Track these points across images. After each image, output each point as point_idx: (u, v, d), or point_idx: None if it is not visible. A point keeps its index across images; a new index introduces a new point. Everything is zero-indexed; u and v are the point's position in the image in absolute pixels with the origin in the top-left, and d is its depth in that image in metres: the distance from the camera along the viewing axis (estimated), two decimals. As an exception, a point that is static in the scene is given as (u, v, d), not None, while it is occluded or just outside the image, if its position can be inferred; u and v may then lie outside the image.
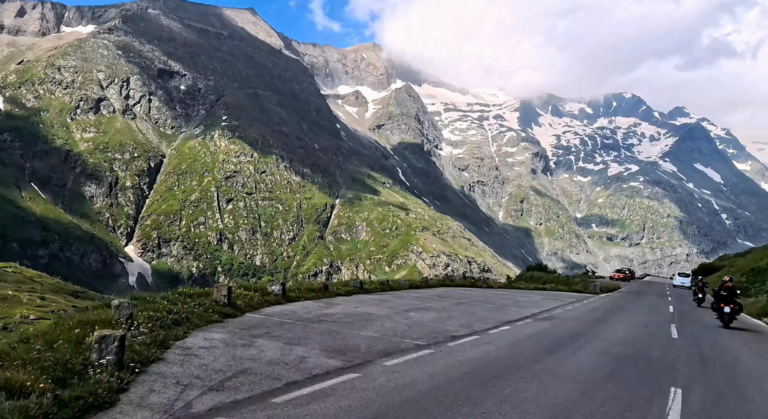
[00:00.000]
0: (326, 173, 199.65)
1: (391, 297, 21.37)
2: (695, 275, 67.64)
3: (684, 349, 14.80)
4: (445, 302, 21.43)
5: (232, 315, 13.00)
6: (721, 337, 18.33)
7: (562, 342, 13.93)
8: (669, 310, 28.17)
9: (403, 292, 24.92)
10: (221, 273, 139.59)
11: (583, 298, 31.88)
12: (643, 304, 31.57)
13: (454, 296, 24.69)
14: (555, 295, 32.43)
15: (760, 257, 60.53)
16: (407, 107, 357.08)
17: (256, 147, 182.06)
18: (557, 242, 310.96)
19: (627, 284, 63.32)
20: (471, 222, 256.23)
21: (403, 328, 13.64)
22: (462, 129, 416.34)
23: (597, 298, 33.21)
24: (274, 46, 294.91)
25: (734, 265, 70.12)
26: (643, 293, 45.21)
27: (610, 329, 17.30)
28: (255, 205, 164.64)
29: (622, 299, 34.77)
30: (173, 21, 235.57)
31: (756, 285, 40.76)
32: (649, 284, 68.74)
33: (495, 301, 23.69)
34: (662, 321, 21.83)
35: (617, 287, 48.10)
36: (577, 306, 25.26)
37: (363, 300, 19.29)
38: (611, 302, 30.40)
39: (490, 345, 12.41)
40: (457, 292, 27.81)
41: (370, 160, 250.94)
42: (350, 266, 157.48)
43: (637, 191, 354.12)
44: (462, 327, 14.60)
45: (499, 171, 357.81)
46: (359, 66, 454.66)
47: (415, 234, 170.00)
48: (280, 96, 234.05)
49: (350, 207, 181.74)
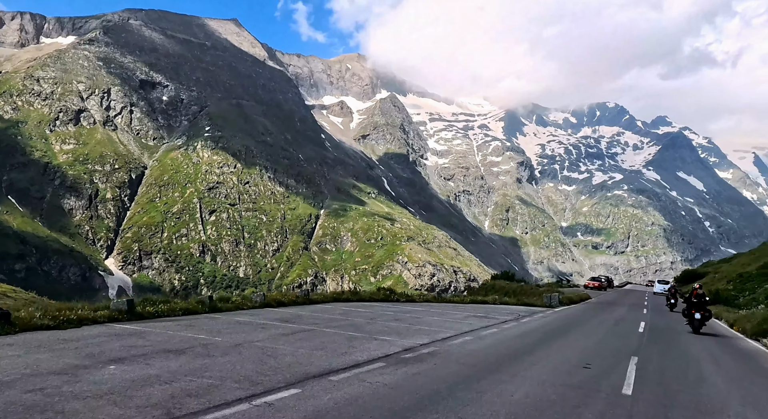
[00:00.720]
0: (311, 183, 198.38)
1: (213, 322, 14.47)
2: (678, 283, 67.85)
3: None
4: (287, 327, 14.35)
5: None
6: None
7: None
8: (638, 329, 21.21)
9: (296, 309, 19.69)
10: (204, 286, 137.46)
11: (532, 313, 25.53)
12: (606, 321, 24.48)
13: (322, 318, 17.11)
14: (493, 310, 25.83)
15: (747, 263, 57.22)
16: (392, 117, 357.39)
17: (240, 158, 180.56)
18: (543, 251, 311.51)
19: (602, 293, 58.70)
20: (457, 232, 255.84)
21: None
22: (447, 139, 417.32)
23: (550, 313, 26.53)
24: (258, 56, 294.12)
25: (719, 271, 67.03)
26: (616, 304, 39.76)
27: (516, 379, 9.85)
28: (238, 216, 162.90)
29: (583, 314, 28.28)
30: (155, 32, 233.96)
31: (745, 293, 36.27)
32: (627, 293, 64.48)
33: (378, 324, 16.25)
34: (620, 351, 14.73)
35: (585, 298, 41.96)
36: (508, 328, 18.27)
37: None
38: (564, 320, 23.43)
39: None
40: (352, 309, 21.45)
41: (356, 170, 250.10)
42: (335, 277, 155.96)
43: (622, 200, 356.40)
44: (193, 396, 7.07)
45: (484, 180, 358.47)
46: (344, 76, 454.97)
47: (400, 244, 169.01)
48: (264, 106, 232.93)
49: (335, 217, 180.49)
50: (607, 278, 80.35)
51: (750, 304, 30.99)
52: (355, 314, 19.23)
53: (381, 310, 21.83)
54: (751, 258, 60.56)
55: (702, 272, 77.56)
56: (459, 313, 22.65)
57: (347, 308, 21.85)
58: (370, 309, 21.70)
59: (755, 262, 52.35)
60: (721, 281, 49.27)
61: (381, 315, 19.29)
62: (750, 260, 58.82)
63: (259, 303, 20.12)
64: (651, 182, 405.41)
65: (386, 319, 18.07)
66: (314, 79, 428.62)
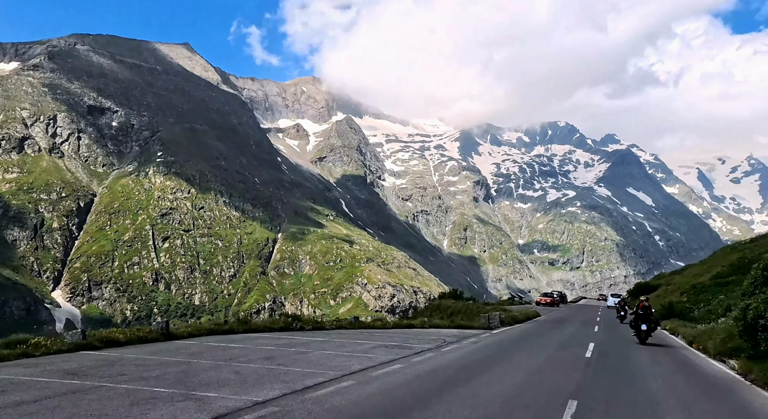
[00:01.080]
0: (267, 207, 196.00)
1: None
2: (632, 295, 68.54)
3: None
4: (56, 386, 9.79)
5: None
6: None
7: None
8: (586, 354, 18.11)
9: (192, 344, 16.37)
10: (157, 315, 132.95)
11: (462, 338, 21.74)
12: (549, 344, 21.25)
13: (146, 365, 12.56)
14: (416, 336, 22.02)
15: (699, 273, 56.06)
16: (349, 139, 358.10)
17: (194, 183, 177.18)
18: (501, 268, 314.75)
19: (554, 309, 56.41)
20: (416, 252, 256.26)
21: None
22: (404, 160, 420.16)
23: (485, 337, 23.08)
24: (211, 80, 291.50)
25: (672, 283, 66.26)
26: (566, 321, 37.55)
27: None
28: (193, 242, 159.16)
29: (525, 336, 24.89)
30: (104, 57, 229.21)
31: (700, 305, 33.97)
32: (581, 309, 62.82)
33: (224, 370, 12.05)
34: (555, 393, 11.45)
35: (533, 316, 39.20)
36: (417, 362, 14.50)
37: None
38: (497, 346, 19.81)
39: None
40: (219, 344, 16.71)
41: (313, 192, 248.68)
42: (294, 301, 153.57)
43: (576, 216, 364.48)
44: None
45: (442, 200, 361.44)
46: (299, 99, 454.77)
47: (359, 266, 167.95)
48: (219, 130, 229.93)
49: (293, 241, 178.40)
50: (560, 294, 78.15)
51: (706, 317, 28.83)
52: (210, 353, 14.53)
53: (258, 344, 17.00)
54: (703, 268, 59.59)
55: (654, 285, 77.01)
56: (369, 343, 18.35)
57: (214, 343, 16.80)
58: (242, 344, 16.83)
59: (707, 272, 50.81)
60: (675, 293, 47.97)
61: (248, 353, 14.77)
62: (702, 270, 57.84)
63: (73, 345, 14.52)
64: (602, 198, 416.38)
65: (249, 359, 13.73)
66: (269, 102, 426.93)
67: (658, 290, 65.69)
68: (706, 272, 51.88)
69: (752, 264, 40.66)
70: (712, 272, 46.06)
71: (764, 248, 43.27)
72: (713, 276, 42.67)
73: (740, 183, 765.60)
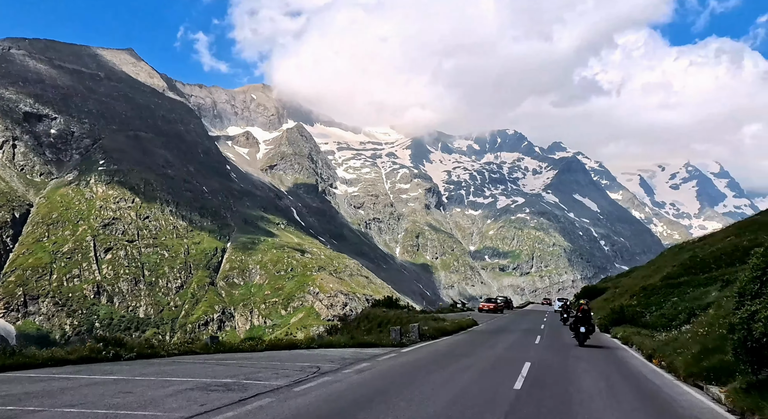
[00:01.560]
0: (216, 216, 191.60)
1: None
2: (578, 299, 68.82)
3: None
4: None
5: None
6: None
7: None
8: (515, 385, 12.85)
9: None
10: (99, 329, 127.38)
11: (353, 362, 16.12)
12: (473, 366, 16.28)
13: None
14: (286, 361, 16.22)
15: (648, 275, 53.46)
16: (300, 147, 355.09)
17: (138, 192, 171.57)
18: (453, 275, 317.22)
19: (497, 316, 52.50)
20: (369, 259, 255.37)
21: None
22: (356, 167, 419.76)
23: (384, 360, 17.11)
24: (157, 87, 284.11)
25: (619, 285, 64.12)
26: (506, 330, 33.06)
27: None
28: (137, 253, 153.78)
29: (444, 355, 19.18)
30: (41, 62, 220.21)
31: (651, 309, 30.88)
32: (526, 315, 59.54)
33: None
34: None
35: (468, 326, 34.02)
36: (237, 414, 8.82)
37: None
38: (388, 377, 13.66)
39: None
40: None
41: (263, 201, 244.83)
42: (244, 311, 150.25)
43: (525, 223, 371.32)
44: None
45: (394, 208, 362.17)
46: (249, 107, 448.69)
47: (311, 275, 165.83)
48: (165, 138, 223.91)
49: (243, 250, 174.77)
50: (505, 300, 74.29)
51: (659, 322, 25.81)
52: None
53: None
54: (651, 270, 56.86)
55: (602, 288, 75.43)
56: (186, 381, 11.61)
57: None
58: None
59: (657, 273, 48.20)
60: (623, 297, 45.41)
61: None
62: (650, 272, 55.44)
63: None
64: (550, 204, 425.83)
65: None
66: (218, 109, 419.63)
67: (606, 294, 64.51)
68: (655, 274, 49.72)
69: (705, 263, 36.41)
70: (662, 273, 43.59)
71: (714, 246, 41.57)
72: (663, 277, 39.98)
73: (679, 189, 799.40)
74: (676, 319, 24.58)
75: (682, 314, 24.40)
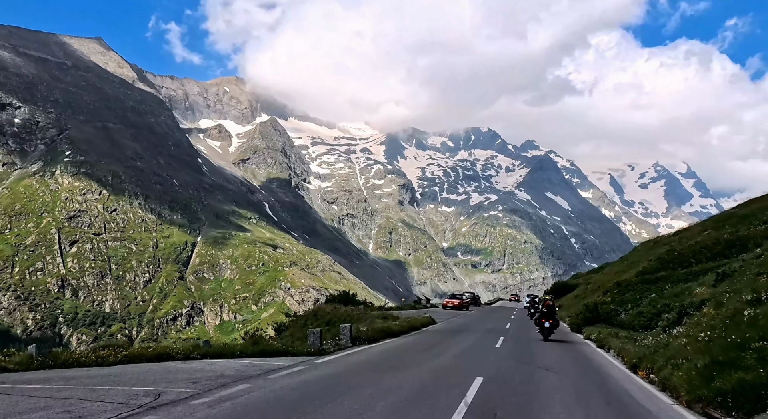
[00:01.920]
0: (186, 209, 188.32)
1: None
2: (548, 295, 68.49)
3: None
4: None
5: None
6: None
7: None
8: (466, 395, 10.41)
9: None
10: (63, 324, 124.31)
11: (229, 382, 10.75)
12: (390, 393, 10.48)
13: None
14: (144, 379, 10.71)
15: (622, 270, 50.50)
16: (273, 141, 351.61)
17: (106, 184, 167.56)
18: (426, 271, 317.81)
19: (462, 313, 48.73)
20: (341, 255, 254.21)
21: None
22: (330, 163, 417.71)
23: (276, 378, 11.74)
24: (126, 77, 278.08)
25: (591, 281, 61.50)
26: (465, 331, 28.00)
27: None
28: (104, 246, 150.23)
29: (366, 370, 14.02)
30: (5, 50, 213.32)
31: (627, 307, 27.91)
32: (493, 312, 55.13)
33: None
34: None
35: (422, 325, 29.21)
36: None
37: None
38: (282, 401, 9.20)
39: None
40: None
41: (235, 195, 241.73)
42: (214, 307, 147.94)
43: (497, 220, 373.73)
44: None
45: (367, 203, 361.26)
46: (222, 99, 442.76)
47: (283, 270, 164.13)
48: (134, 130, 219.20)
49: (213, 245, 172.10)
50: (472, 296, 70.27)
51: (637, 321, 23.45)
52: None
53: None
54: (625, 265, 53.61)
55: (573, 284, 72.97)
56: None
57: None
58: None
59: (631, 269, 45.18)
60: (596, 293, 42.53)
61: None
62: (624, 267, 52.46)
63: None
64: (523, 202, 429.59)
65: None
66: (189, 102, 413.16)
67: (577, 290, 62.31)
68: (629, 269, 46.76)
69: (684, 258, 33.08)
70: (637, 268, 40.32)
71: (692, 240, 39.09)
72: (639, 272, 36.71)
73: (648, 189, 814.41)
74: (657, 318, 22.01)
75: (669, 312, 21.29)
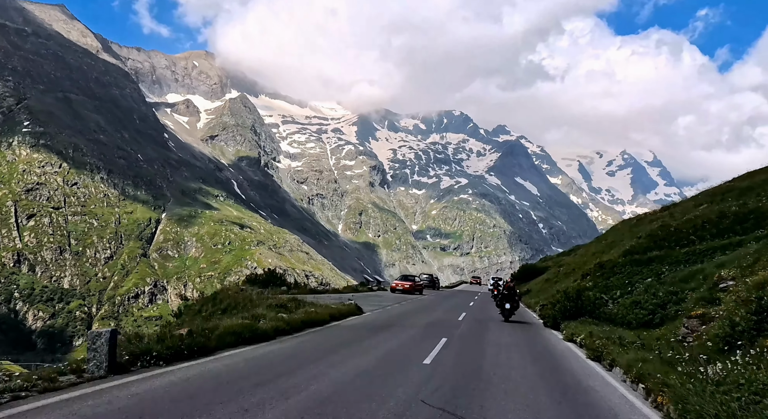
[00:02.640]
0: (151, 185, 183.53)
1: None
2: (516, 279, 67.66)
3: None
4: None
5: None
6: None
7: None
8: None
9: None
10: (19, 300, 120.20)
11: None
12: None
13: None
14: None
15: (601, 250, 44.28)
16: (243, 118, 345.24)
17: (66, 157, 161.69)
18: (395, 253, 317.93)
19: (412, 297, 40.97)
20: (310, 235, 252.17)
21: None
22: (300, 142, 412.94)
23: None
24: (90, 47, 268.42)
25: (563, 264, 56.85)
26: (396, 325, 19.78)
27: None
28: (64, 221, 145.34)
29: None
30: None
31: (615, 294, 22.56)
32: (450, 297, 47.77)
33: None
34: None
35: (341, 315, 21.60)
36: None
37: None
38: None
39: None
40: None
41: (203, 172, 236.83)
42: (177, 285, 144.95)
43: (467, 204, 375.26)
44: None
45: (338, 184, 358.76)
46: (190, 74, 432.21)
47: (249, 249, 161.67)
48: (98, 102, 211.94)
49: (178, 222, 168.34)
50: (429, 278, 63.53)
51: (632, 314, 18.09)
52: None
53: None
54: (604, 245, 47.50)
55: (542, 267, 68.35)
56: None
57: None
58: None
59: (613, 249, 39.23)
60: (571, 276, 37.02)
61: None
62: (603, 247, 46.40)
63: None
64: (493, 186, 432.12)
65: None
66: (157, 75, 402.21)
67: (547, 273, 56.98)
68: (609, 249, 41.06)
69: (682, 235, 27.48)
70: (624, 247, 33.52)
71: (689, 214, 32.95)
72: (626, 252, 30.57)
73: (615, 176, 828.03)
74: (662, 311, 16.79)
75: (645, 299, 17.16)
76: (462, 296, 49.77)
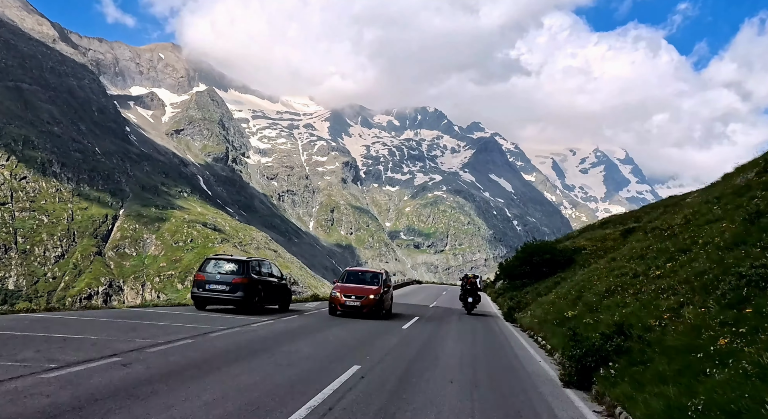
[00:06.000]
0: (109, 180, 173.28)
1: None
2: (497, 278, 62.50)
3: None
4: None
5: None
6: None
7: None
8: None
9: None
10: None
11: None
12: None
13: None
14: None
15: (601, 238, 37.52)
16: (210, 112, 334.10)
17: (14, 149, 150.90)
18: (368, 251, 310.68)
19: None
20: (279, 233, 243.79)
21: None
22: (271, 137, 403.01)
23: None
24: (46, 36, 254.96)
25: (599, 248, 39.38)
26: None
27: None
28: (10, 217, 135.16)
29: None
30: None
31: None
32: (403, 297, 40.27)
33: None
34: None
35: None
36: None
37: None
38: None
39: None
40: None
41: (166, 167, 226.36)
42: (135, 285, 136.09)
43: (441, 200, 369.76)
44: None
45: (309, 180, 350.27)
46: (156, 66, 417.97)
47: (213, 247, 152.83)
48: (52, 92, 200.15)
49: (137, 219, 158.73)
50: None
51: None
52: None
53: None
54: (599, 233, 41.66)
55: (564, 251, 51.15)
56: None
57: None
58: None
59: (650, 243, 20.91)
60: (604, 281, 19.06)
61: None
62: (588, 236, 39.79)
63: None
64: (467, 183, 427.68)
65: None
66: (120, 67, 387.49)
67: (570, 272, 34.25)
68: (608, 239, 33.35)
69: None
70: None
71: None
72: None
73: (588, 174, 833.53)
74: None
75: None
76: (422, 292, 45.51)
